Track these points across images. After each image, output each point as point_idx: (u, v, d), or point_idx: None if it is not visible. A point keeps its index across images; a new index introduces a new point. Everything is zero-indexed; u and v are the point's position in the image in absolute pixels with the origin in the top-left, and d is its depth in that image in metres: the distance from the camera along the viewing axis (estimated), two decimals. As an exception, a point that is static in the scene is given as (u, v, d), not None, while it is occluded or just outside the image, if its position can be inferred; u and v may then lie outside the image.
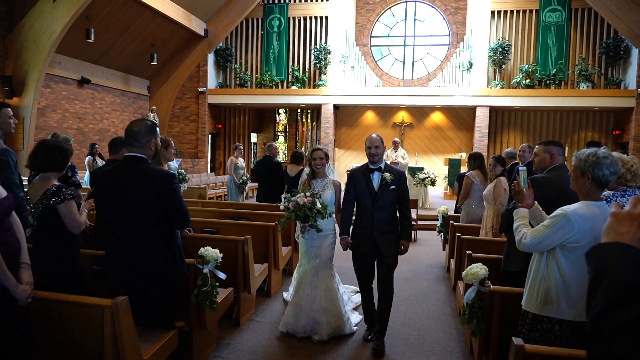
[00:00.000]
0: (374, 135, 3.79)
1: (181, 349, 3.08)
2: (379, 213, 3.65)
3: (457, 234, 4.72)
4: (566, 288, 2.30)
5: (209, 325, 3.29)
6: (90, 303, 2.36)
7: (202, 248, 3.20)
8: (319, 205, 3.69)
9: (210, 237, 3.99)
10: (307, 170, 4.18)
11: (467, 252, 3.64)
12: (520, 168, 2.70)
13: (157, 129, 2.68)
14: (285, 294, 4.87)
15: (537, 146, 3.34)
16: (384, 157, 3.88)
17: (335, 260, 4.15)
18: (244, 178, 8.47)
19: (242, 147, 8.78)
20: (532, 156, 3.67)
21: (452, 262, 5.12)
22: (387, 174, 3.67)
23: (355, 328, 4.04)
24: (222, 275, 3.25)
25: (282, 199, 3.95)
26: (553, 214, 2.34)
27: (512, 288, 2.82)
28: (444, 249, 6.61)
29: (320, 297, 3.84)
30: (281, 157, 16.89)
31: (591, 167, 2.21)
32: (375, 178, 3.70)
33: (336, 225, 4.10)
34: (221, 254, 3.23)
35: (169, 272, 2.64)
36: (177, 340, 2.86)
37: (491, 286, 2.78)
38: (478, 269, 2.86)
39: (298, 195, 3.79)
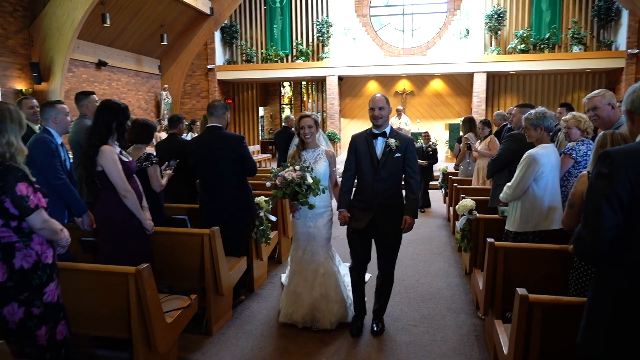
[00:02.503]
0: (378, 95, 3.35)
1: (246, 275, 4.09)
2: (381, 184, 3.25)
3: (454, 185, 5.67)
4: (539, 206, 3.19)
5: (264, 257, 4.29)
6: (193, 232, 3.33)
7: (256, 197, 4.15)
8: (309, 180, 3.27)
9: (257, 192, 4.93)
10: (295, 140, 3.72)
11: (461, 195, 4.58)
12: None
13: (227, 105, 3.65)
14: (283, 276, 4.38)
15: (514, 108, 4.23)
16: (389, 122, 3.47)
17: (336, 239, 3.86)
18: None
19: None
20: (511, 117, 4.55)
21: (451, 209, 6.09)
22: (392, 140, 3.25)
23: None
24: (273, 218, 4.23)
25: (271, 174, 3.50)
26: (521, 160, 3.26)
27: (493, 215, 3.78)
28: (444, 202, 7.58)
29: (320, 283, 3.49)
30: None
31: (541, 120, 3.13)
32: (379, 144, 3.29)
33: (333, 202, 3.67)
34: (272, 202, 4.18)
35: (246, 206, 3.77)
36: (246, 265, 3.86)
37: (477, 215, 3.74)
38: (467, 202, 3.82)
39: (286, 169, 3.37)
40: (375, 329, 3.44)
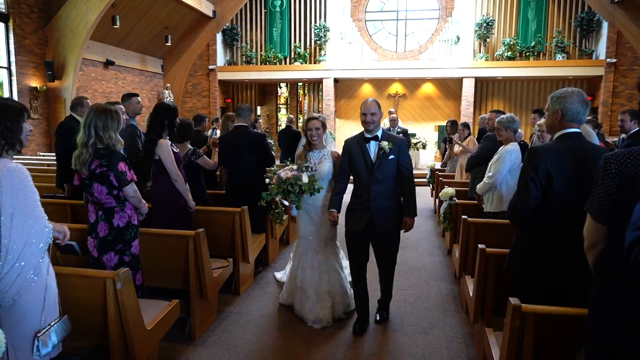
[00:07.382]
0: (369, 99, 3.40)
1: (263, 251, 4.85)
2: (377, 186, 3.33)
3: (440, 179, 6.48)
4: (511, 191, 3.98)
5: (277, 235, 5.06)
6: (226, 210, 4.08)
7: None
8: (305, 180, 3.37)
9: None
10: (302, 141, 3.88)
11: (445, 186, 5.38)
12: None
13: (252, 108, 4.41)
14: (277, 274, 4.64)
15: (489, 113, 5.04)
16: (381, 125, 3.59)
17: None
18: None
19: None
20: (488, 120, 5.37)
21: (437, 201, 6.90)
22: (384, 143, 3.33)
23: None
24: (286, 203, 4.97)
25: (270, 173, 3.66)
26: (497, 156, 4.05)
27: (470, 201, 4.59)
28: (432, 196, 8.41)
29: (325, 279, 3.66)
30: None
31: (511, 123, 3.93)
32: (372, 148, 3.37)
33: None
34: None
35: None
36: (264, 241, 4.63)
37: (457, 200, 4.54)
38: (449, 190, 4.63)
39: (283, 168, 3.50)
40: (378, 318, 3.65)
